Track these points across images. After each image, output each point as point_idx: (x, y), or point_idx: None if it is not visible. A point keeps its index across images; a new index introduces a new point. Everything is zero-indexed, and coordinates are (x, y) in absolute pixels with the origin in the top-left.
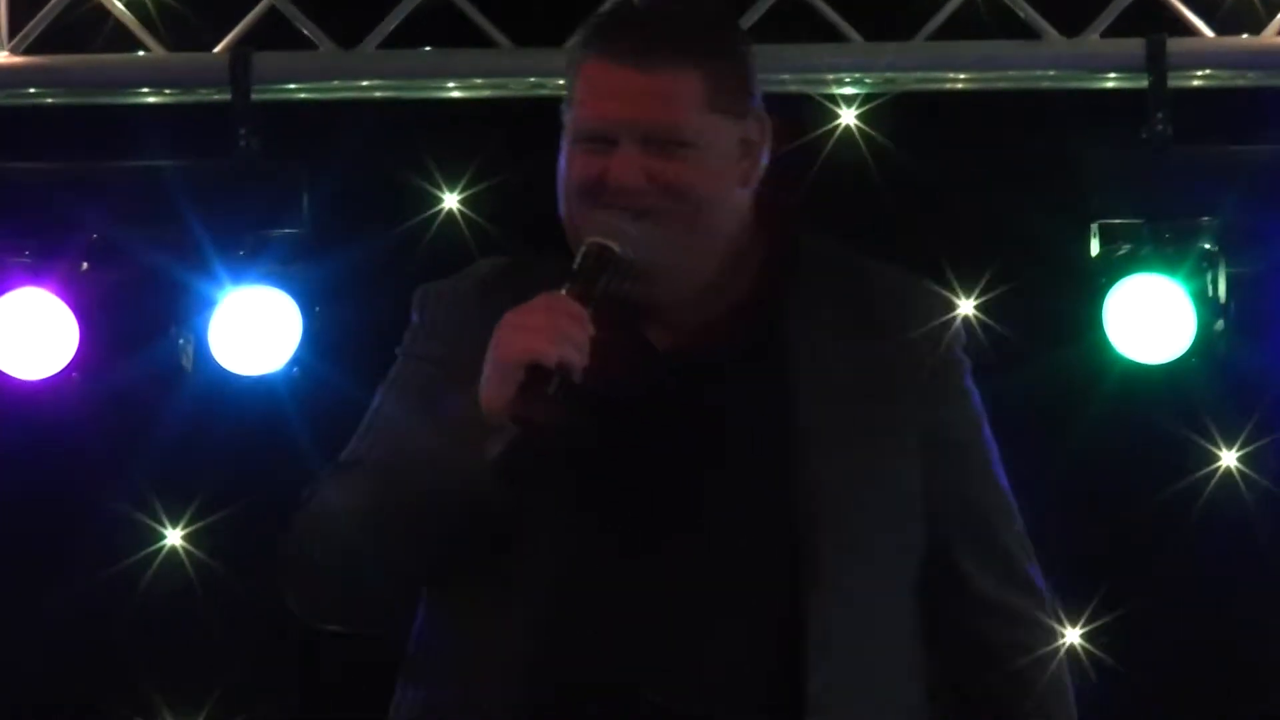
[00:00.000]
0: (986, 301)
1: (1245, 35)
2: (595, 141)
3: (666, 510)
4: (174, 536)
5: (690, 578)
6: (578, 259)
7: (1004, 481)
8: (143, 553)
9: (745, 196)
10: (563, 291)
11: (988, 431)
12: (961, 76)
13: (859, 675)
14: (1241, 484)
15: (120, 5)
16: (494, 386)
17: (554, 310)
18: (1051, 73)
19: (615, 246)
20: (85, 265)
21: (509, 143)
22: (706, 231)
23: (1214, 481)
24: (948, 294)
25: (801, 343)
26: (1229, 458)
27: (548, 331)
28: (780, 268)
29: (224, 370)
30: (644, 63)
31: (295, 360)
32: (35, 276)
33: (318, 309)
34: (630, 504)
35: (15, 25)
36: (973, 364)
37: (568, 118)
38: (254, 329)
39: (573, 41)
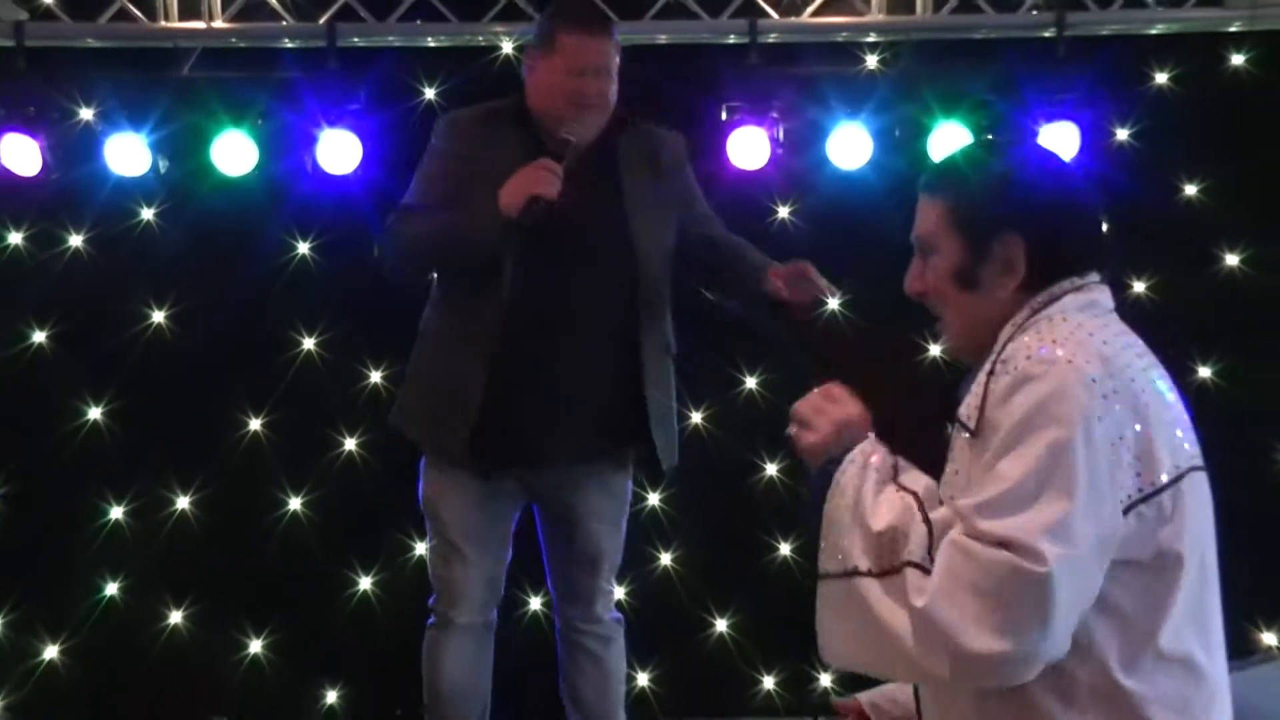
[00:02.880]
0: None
1: None
2: (586, 74)
3: (576, 244)
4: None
5: (584, 278)
6: (560, 146)
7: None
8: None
9: None
10: (547, 159)
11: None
12: None
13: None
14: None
15: None
16: (511, 200)
17: (549, 168)
18: None
19: (573, 139)
20: (260, 122)
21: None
22: (608, 115)
23: (775, 224)
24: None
25: (627, 168)
26: (784, 211)
27: (544, 179)
28: (614, 132)
29: (324, 171)
30: (599, 32)
31: (360, 168)
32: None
33: (370, 143)
34: (556, 244)
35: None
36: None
37: (554, 58)
38: (340, 152)
39: (549, 14)
